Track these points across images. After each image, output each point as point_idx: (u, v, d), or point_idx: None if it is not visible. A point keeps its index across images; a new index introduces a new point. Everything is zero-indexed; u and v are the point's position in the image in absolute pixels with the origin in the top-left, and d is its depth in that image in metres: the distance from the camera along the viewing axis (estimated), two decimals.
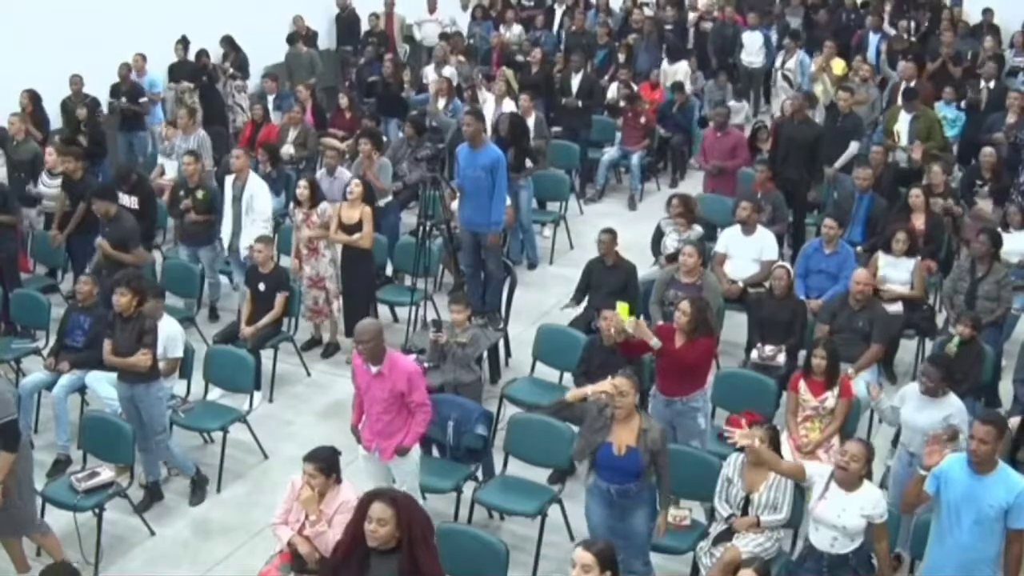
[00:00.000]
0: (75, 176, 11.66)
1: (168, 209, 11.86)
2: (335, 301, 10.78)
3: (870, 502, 6.54)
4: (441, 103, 14.76)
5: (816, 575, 6.63)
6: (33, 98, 13.62)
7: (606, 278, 10.09)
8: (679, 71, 16.22)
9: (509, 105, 14.11)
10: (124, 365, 8.30)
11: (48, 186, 12.11)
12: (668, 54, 16.52)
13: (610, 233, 10.24)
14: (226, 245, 11.22)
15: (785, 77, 15.71)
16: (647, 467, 6.93)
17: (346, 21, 18.38)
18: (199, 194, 11.26)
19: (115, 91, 14.79)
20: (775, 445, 7.24)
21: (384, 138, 13.49)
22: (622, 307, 8.09)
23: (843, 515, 6.52)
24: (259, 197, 10.98)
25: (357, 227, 10.52)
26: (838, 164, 12.74)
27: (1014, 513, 6.25)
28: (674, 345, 8.07)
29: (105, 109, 14.67)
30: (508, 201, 11.36)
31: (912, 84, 14.04)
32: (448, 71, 15.83)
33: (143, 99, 14.78)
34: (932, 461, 6.48)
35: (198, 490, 8.71)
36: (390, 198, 11.93)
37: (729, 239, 10.74)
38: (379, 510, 5.48)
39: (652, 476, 7.05)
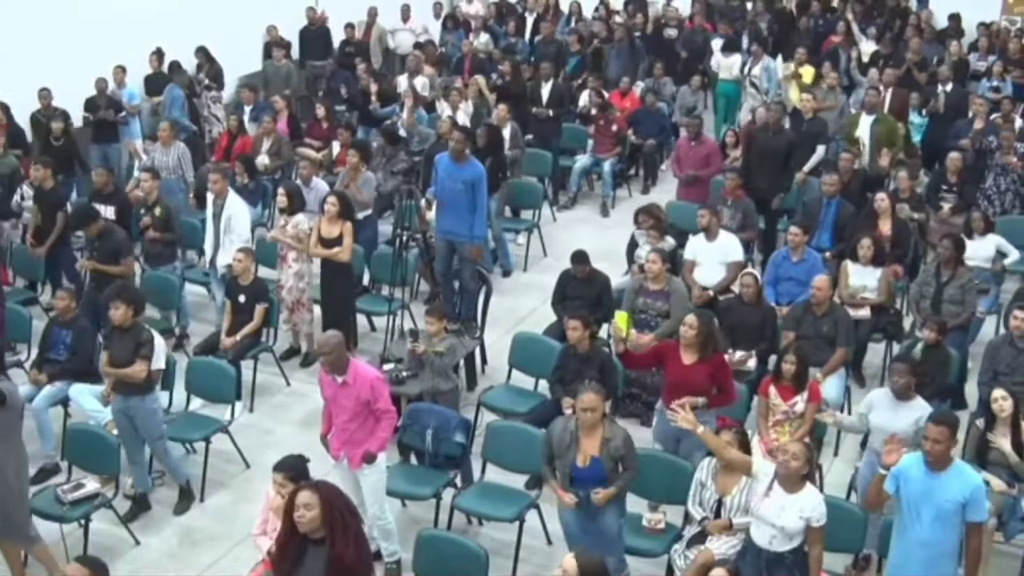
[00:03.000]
0: (46, 186, 11.65)
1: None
2: (285, 310, 10.85)
3: (809, 505, 6.56)
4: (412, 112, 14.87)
5: (754, 569, 6.71)
6: (5, 112, 13.57)
7: (580, 290, 10.15)
8: (735, 64, 16.41)
9: (462, 115, 14.25)
10: (120, 376, 8.43)
11: (29, 199, 12.04)
12: (723, 47, 16.62)
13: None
14: (208, 261, 11.26)
15: (752, 84, 15.91)
16: (612, 473, 6.99)
17: (318, 35, 18.16)
18: (156, 211, 11.23)
19: (90, 105, 14.61)
20: (745, 449, 7.38)
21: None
22: (621, 316, 8.17)
23: (782, 515, 6.58)
24: (237, 218, 10.94)
25: (337, 242, 10.58)
26: (806, 168, 12.93)
27: (971, 507, 6.44)
28: (682, 362, 8.08)
29: (79, 122, 14.54)
30: None
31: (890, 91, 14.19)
32: (421, 81, 15.96)
33: (122, 113, 14.65)
34: (891, 460, 6.59)
35: (184, 499, 8.81)
36: (369, 211, 12.00)
37: (695, 246, 10.84)
38: (304, 496, 5.74)
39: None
